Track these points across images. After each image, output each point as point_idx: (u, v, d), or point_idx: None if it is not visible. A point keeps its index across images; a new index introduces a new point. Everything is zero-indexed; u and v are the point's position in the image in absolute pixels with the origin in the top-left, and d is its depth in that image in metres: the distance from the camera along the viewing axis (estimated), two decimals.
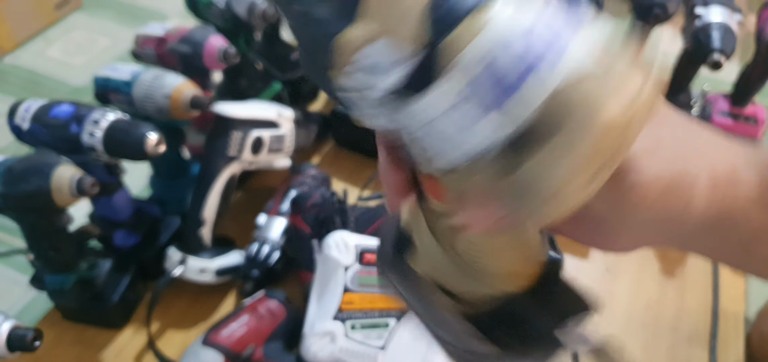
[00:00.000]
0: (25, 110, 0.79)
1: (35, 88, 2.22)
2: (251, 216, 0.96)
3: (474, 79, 0.23)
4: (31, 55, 2.39)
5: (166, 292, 0.86)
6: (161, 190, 0.99)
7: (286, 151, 0.95)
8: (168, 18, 2.55)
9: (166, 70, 0.84)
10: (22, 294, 1.54)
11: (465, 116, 0.24)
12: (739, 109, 0.98)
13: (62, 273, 0.81)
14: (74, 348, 0.85)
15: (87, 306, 0.84)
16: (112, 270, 0.85)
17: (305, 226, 0.85)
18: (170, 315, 0.88)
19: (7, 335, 0.62)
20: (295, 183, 0.94)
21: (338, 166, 1.09)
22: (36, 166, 0.70)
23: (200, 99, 0.81)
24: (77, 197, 0.69)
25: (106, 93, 0.85)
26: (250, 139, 0.88)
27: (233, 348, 0.75)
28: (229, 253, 0.88)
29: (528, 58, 0.23)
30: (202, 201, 0.86)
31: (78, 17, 2.57)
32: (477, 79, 0.23)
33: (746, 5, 2.60)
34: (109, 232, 0.89)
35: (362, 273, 0.74)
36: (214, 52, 0.87)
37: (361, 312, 0.73)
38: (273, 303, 0.79)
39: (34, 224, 0.76)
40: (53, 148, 0.75)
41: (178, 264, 0.84)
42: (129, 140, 0.74)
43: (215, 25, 0.98)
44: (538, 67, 0.23)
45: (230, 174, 0.88)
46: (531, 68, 0.23)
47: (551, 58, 0.23)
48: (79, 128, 0.75)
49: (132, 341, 0.86)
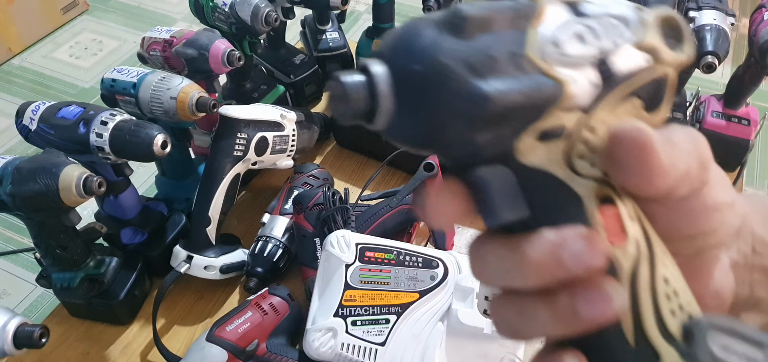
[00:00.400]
0: (33, 111, 0.80)
1: (43, 90, 2.24)
2: (255, 215, 0.98)
3: None
4: (38, 57, 2.41)
5: (171, 289, 0.87)
6: (167, 190, 1.01)
7: (289, 152, 0.96)
8: (174, 21, 2.57)
9: (172, 73, 0.86)
10: (29, 291, 1.56)
11: None
12: (732, 111, 0.99)
13: (69, 270, 0.82)
14: (81, 345, 0.86)
15: (94, 303, 0.85)
16: (119, 267, 0.86)
17: (308, 225, 0.87)
18: (176, 312, 0.90)
19: (14, 332, 0.63)
20: (297, 183, 0.96)
21: (340, 166, 1.11)
22: (44, 165, 0.70)
23: (205, 101, 0.82)
24: (85, 197, 0.70)
25: (112, 94, 0.86)
26: (255, 139, 0.90)
27: (237, 343, 0.76)
28: (233, 251, 0.90)
29: None
30: (207, 201, 0.87)
31: (85, 20, 2.59)
32: None
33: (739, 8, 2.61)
34: (116, 230, 0.90)
35: (363, 271, 0.75)
36: (219, 55, 0.88)
37: (361, 308, 0.74)
38: (276, 300, 0.81)
39: (42, 223, 0.77)
40: (61, 149, 0.76)
41: (183, 262, 0.86)
42: (136, 141, 0.75)
43: (220, 28, 0.99)
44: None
45: (235, 174, 0.89)
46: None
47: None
48: (86, 129, 0.76)
49: (138, 337, 0.87)
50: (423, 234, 0.96)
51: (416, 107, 0.24)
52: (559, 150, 0.26)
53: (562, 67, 0.25)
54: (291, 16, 1.09)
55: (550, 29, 0.26)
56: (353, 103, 0.24)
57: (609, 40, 0.26)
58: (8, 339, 0.62)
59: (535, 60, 0.25)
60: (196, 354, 0.76)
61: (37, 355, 0.84)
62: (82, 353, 0.86)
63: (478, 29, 0.24)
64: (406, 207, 0.88)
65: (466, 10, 0.24)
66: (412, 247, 0.78)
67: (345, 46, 1.28)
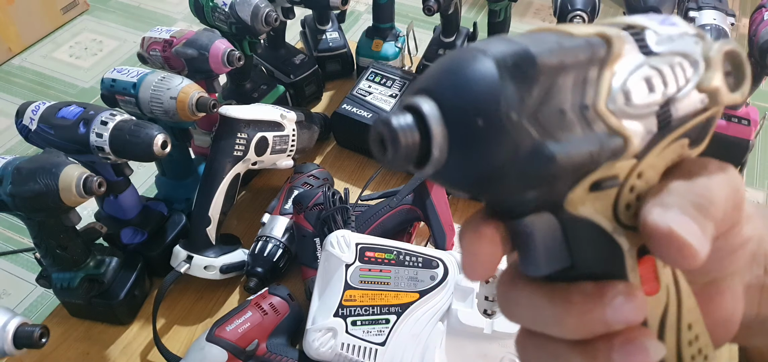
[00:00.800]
0: (33, 111, 0.80)
1: (43, 90, 2.24)
2: (255, 215, 0.98)
3: None
4: (38, 57, 2.41)
5: (171, 289, 0.87)
6: (167, 190, 1.01)
7: (289, 152, 0.96)
8: (174, 21, 2.57)
9: (172, 73, 0.86)
10: (29, 291, 1.56)
11: None
12: (732, 110, 0.98)
13: (69, 270, 0.82)
14: (81, 345, 0.86)
15: (94, 303, 0.85)
16: (119, 267, 0.86)
17: (308, 225, 0.87)
18: (176, 312, 0.90)
19: (14, 332, 0.63)
20: (297, 183, 0.96)
21: (340, 166, 1.11)
22: (44, 165, 0.70)
23: (205, 101, 0.82)
24: (85, 197, 0.70)
25: (112, 94, 0.86)
26: (255, 139, 0.90)
27: (237, 343, 0.76)
28: (233, 251, 0.90)
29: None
30: (207, 201, 0.87)
31: (85, 20, 2.59)
32: None
33: (739, 8, 2.61)
34: (116, 230, 0.90)
35: (363, 271, 0.75)
36: (219, 55, 0.88)
37: (361, 308, 0.74)
38: (276, 300, 0.81)
39: (42, 223, 0.77)
40: (61, 149, 0.76)
41: (183, 262, 0.86)
42: (136, 141, 0.75)
43: (220, 28, 0.99)
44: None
45: (235, 173, 0.89)
46: None
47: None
48: (86, 129, 0.76)
49: (138, 337, 0.87)
50: (423, 234, 0.96)
51: (472, 158, 0.22)
52: (608, 200, 0.25)
53: (628, 120, 0.24)
54: (291, 16, 1.09)
55: (622, 77, 0.24)
56: (404, 151, 0.22)
57: (674, 85, 0.25)
58: (8, 339, 0.62)
59: (604, 114, 0.23)
60: (196, 354, 0.76)
61: (37, 355, 0.84)
62: (82, 353, 0.85)
63: (549, 77, 0.22)
64: (406, 207, 0.88)
65: (538, 54, 0.22)
66: (412, 247, 0.78)
67: (345, 46, 1.28)
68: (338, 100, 1.18)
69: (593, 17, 0.87)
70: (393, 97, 1.07)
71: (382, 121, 0.22)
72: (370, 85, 1.10)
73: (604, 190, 0.24)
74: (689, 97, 0.25)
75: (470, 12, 2.67)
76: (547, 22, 2.50)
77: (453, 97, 0.22)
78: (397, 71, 1.12)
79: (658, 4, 0.78)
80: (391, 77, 1.11)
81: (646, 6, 0.78)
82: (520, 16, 2.65)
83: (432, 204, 0.87)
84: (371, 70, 1.13)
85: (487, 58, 0.21)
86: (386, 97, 1.07)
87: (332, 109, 1.10)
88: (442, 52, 1.19)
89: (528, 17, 2.66)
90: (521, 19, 2.63)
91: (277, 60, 1.22)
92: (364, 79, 1.11)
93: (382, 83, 1.10)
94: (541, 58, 0.22)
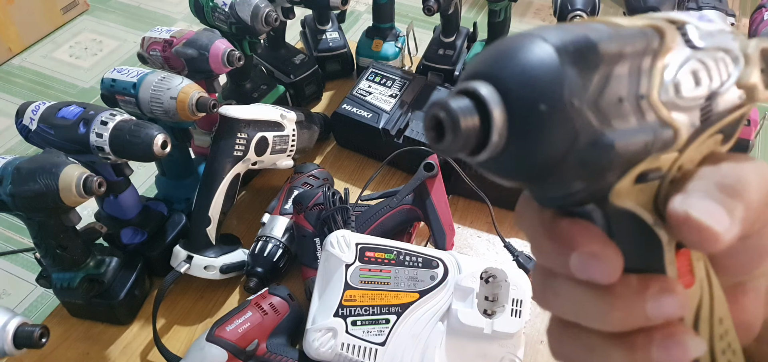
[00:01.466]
0: (33, 111, 0.80)
1: (43, 90, 2.24)
2: (255, 215, 0.98)
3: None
4: (38, 57, 2.41)
5: (171, 289, 0.87)
6: (167, 190, 1.01)
7: (289, 152, 0.96)
8: (174, 21, 2.57)
9: (172, 73, 0.86)
10: (29, 291, 1.56)
11: None
12: None
13: (69, 270, 0.82)
14: (81, 345, 0.86)
15: (94, 303, 0.85)
16: (119, 267, 0.86)
17: (308, 225, 0.87)
18: (176, 312, 0.90)
19: (14, 332, 0.63)
20: (297, 183, 0.96)
21: (340, 166, 1.11)
22: (44, 165, 0.70)
23: (205, 101, 0.82)
24: (85, 197, 0.70)
25: (112, 94, 0.86)
26: (255, 139, 0.90)
27: (237, 343, 0.76)
28: (233, 251, 0.90)
29: None
30: (207, 201, 0.87)
31: (85, 20, 2.60)
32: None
33: (739, 8, 2.61)
34: (116, 230, 0.90)
35: (363, 271, 0.75)
36: (219, 55, 0.88)
37: (361, 308, 0.74)
38: (276, 300, 0.81)
39: (42, 223, 0.76)
40: (61, 149, 0.76)
41: (183, 262, 0.86)
42: (136, 141, 0.75)
43: (220, 28, 0.99)
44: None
45: (235, 174, 0.89)
46: None
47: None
48: (86, 129, 0.76)
49: (138, 337, 0.87)
50: (423, 234, 0.96)
51: (531, 144, 0.21)
52: (650, 192, 0.25)
53: (677, 112, 0.24)
54: (291, 16, 1.09)
55: (673, 69, 0.24)
56: (464, 135, 0.21)
57: (718, 79, 0.25)
58: (8, 339, 0.62)
59: (657, 105, 0.23)
60: (196, 354, 0.76)
61: (37, 355, 0.84)
62: (82, 353, 0.86)
63: (609, 65, 0.22)
64: (406, 207, 0.88)
65: (599, 41, 0.22)
66: (412, 247, 0.78)
67: (345, 46, 1.28)
68: (338, 100, 1.18)
69: (593, 17, 0.87)
70: (393, 97, 1.07)
71: (439, 104, 0.21)
72: (370, 85, 1.10)
73: (648, 183, 0.25)
74: (729, 93, 0.26)
75: (470, 12, 2.67)
76: (547, 22, 2.50)
77: (513, 81, 0.21)
78: (397, 71, 1.12)
79: (658, 3, 0.78)
80: (391, 77, 1.11)
81: (646, 6, 0.78)
82: (520, 16, 2.65)
83: (432, 204, 0.87)
84: (371, 70, 1.13)
85: (547, 44, 0.21)
86: (386, 97, 1.07)
87: (332, 109, 1.10)
88: (442, 52, 1.19)
89: (528, 17, 2.66)
90: (521, 19, 2.63)
91: (277, 60, 1.22)
92: (364, 79, 1.11)
93: (382, 83, 1.10)
94: (602, 45, 0.22)
